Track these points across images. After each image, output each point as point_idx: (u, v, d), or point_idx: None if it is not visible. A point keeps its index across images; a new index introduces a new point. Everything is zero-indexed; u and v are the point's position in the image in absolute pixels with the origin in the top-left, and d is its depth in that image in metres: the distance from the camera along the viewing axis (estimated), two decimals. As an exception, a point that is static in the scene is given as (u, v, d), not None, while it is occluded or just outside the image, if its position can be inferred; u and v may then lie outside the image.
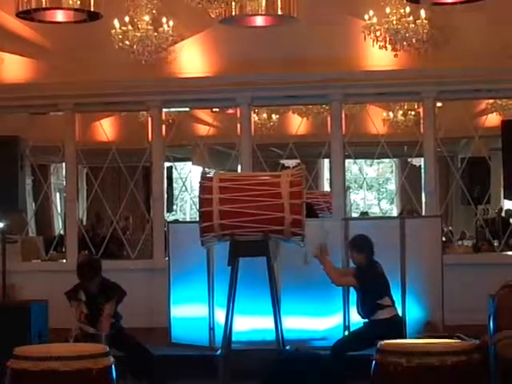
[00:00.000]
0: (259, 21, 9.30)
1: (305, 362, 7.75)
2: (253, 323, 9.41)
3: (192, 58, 11.96)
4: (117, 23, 10.33)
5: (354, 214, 20.20)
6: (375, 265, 8.24)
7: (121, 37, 10.33)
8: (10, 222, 10.77)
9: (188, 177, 17.61)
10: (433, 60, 11.25)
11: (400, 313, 8.62)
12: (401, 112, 15.86)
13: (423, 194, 12.39)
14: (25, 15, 8.34)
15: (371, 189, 25.93)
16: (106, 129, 14.33)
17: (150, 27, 10.34)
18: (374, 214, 22.07)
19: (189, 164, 18.25)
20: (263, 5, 8.76)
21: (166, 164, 12.91)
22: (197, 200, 8.57)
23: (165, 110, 12.34)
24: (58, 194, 18.19)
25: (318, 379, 7.58)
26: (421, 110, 12.28)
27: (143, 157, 12.43)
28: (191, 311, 10.04)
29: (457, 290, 10.15)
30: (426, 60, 11.20)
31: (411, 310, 9.43)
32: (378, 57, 11.37)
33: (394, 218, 15.24)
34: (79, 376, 4.90)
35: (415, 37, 10.28)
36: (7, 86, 11.95)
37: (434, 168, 11.72)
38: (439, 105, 12.61)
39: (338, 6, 11.11)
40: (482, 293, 8.32)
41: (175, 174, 17.36)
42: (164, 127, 12.25)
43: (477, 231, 14.52)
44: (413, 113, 15.55)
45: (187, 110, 14.68)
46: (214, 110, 15.12)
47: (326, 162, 16.70)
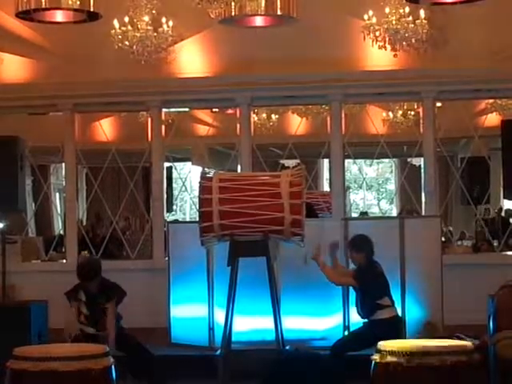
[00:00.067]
0: (259, 21, 9.29)
1: (304, 362, 7.76)
2: (252, 323, 9.41)
3: (192, 59, 11.96)
4: (116, 23, 10.33)
5: (353, 214, 20.21)
6: (375, 265, 8.23)
7: (120, 37, 10.32)
8: (9, 223, 10.76)
9: (188, 177, 17.62)
10: (432, 60, 11.25)
11: (400, 313, 8.62)
12: (400, 112, 15.85)
13: (423, 194, 12.39)
14: (24, 15, 8.32)
15: (371, 189, 25.93)
16: (105, 129, 14.32)
17: (149, 27, 10.34)
18: (373, 214, 22.05)
19: (188, 164, 18.26)
20: (263, 5, 8.76)
21: (166, 164, 12.91)
22: (196, 200, 8.57)
23: (164, 110, 12.33)
24: (57, 194, 18.19)
25: (318, 379, 7.59)
26: (420, 110, 12.27)
27: (143, 157, 12.43)
28: (191, 311, 10.04)
29: (456, 290, 10.14)
30: (426, 60, 11.19)
31: (411, 310, 9.43)
32: (378, 57, 11.37)
33: (393, 218, 15.22)
34: (79, 376, 4.90)
35: (415, 37, 10.27)
36: (7, 86, 11.94)
37: (433, 168, 11.72)
38: (439, 105, 12.60)
39: (338, 6, 11.11)
40: (482, 293, 8.33)
41: (175, 174, 17.35)
42: (164, 127, 12.24)
43: (476, 231, 14.51)
44: (412, 113, 15.53)
45: (187, 110, 14.67)
46: (214, 110, 15.12)
47: (326, 162, 16.68)
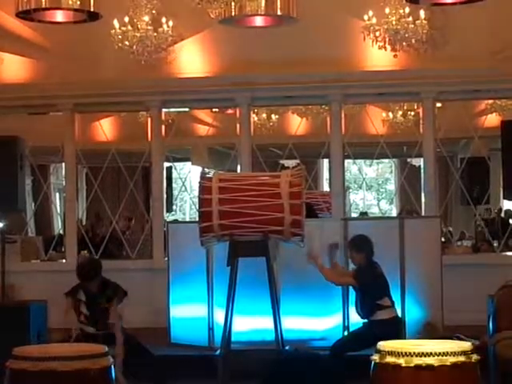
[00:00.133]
0: (259, 21, 9.30)
1: (304, 363, 7.77)
2: (252, 323, 9.41)
3: (192, 58, 11.96)
4: (116, 23, 10.33)
5: (353, 214, 20.21)
6: (375, 265, 8.22)
7: (120, 37, 10.33)
8: (9, 222, 10.77)
9: (187, 177, 17.62)
10: (432, 60, 11.25)
11: (399, 313, 8.61)
12: (400, 112, 15.84)
13: (422, 195, 12.39)
14: (24, 15, 8.33)
15: (371, 189, 25.92)
16: (105, 129, 14.31)
17: (149, 27, 10.35)
18: (373, 215, 22.05)
19: (188, 164, 18.26)
20: (263, 5, 8.76)
21: (166, 164, 12.91)
22: (196, 200, 8.57)
23: (164, 110, 12.33)
24: (57, 194, 18.19)
25: (318, 379, 7.59)
26: (420, 111, 12.28)
27: (143, 157, 12.43)
28: (191, 311, 10.03)
29: (456, 291, 10.14)
30: (426, 60, 11.19)
31: (410, 311, 9.43)
32: (378, 57, 11.37)
33: (393, 218, 15.22)
34: (78, 376, 4.88)
35: (415, 37, 10.28)
36: (7, 85, 11.95)
37: (433, 168, 11.72)
38: (439, 105, 12.60)
39: (338, 7, 11.11)
40: (482, 293, 8.34)
41: (175, 174, 17.34)
42: (164, 127, 12.25)
43: (476, 231, 14.50)
44: (412, 113, 15.52)
45: (187, 110, 14.67)
46: (214, 110, 15.11)
47: (326, 162, 16.68)
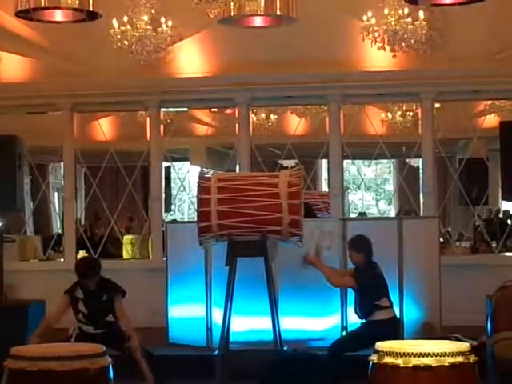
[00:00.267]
0: (258, 21, 9.28)
1: (302, 363, 7.77)
2: (250, 323, 9.41)
3: (191, 58, 11.96)
4: (115, 23, 10.33)
5: (352, 215, 20.25)
6: (374, 266, 8.22)
7: (119, 36, 10.32)
8: (7, 222, 10.76)
9: (186, 177, 17.61)
10: (431, 61, 11.25)
11: (398, 313, 8.61)
12: (399, 113, 15.86)
13: (421, 195, 12.39)
14: (23, 14, 8.30)
15: (369, 189, 25.92)
16: (104, 128, 14.31)
17: (148, 27, 10.34)
18: (371, 215, 22.07)
19: (187, 164, 18.28)
20: (262, 5, 8.75)
21: (164, 164, 12.90)
22: (195, 200, 8.55)
23: (163, 110, 12.33)
24: (56, 193, 18.19)
25: (316, 380, 7.59)
26: (419, 111, 12.27)
27: (141, 156, 12.42)
28: (189, 311, 10.03)
29: (454, 291, 10.14)
30: (425, 61, 11.19)
31: (409, 311, 9.43)
32: (377, 58, 11.37)
33: (391, 218, 15.25)
34: (76, 376, 4.88)
35: (414, 38, 10.27)
36: (5, 85, 11.94)
37: (432, 169, 11.73)
38: (437, 106, 12.61)
39: (337, 7, 11.11)
40: (480, 294, 8.35)
41: (173, 174, 17.33)
42: (162, 127, 12.24)
43: (475, 232, 14.51)
44: (411, 113, 15.54)
45: (185, 109, 14.68)
46: (213, 110, 15.13)
47: (325, 162, 16.72)
